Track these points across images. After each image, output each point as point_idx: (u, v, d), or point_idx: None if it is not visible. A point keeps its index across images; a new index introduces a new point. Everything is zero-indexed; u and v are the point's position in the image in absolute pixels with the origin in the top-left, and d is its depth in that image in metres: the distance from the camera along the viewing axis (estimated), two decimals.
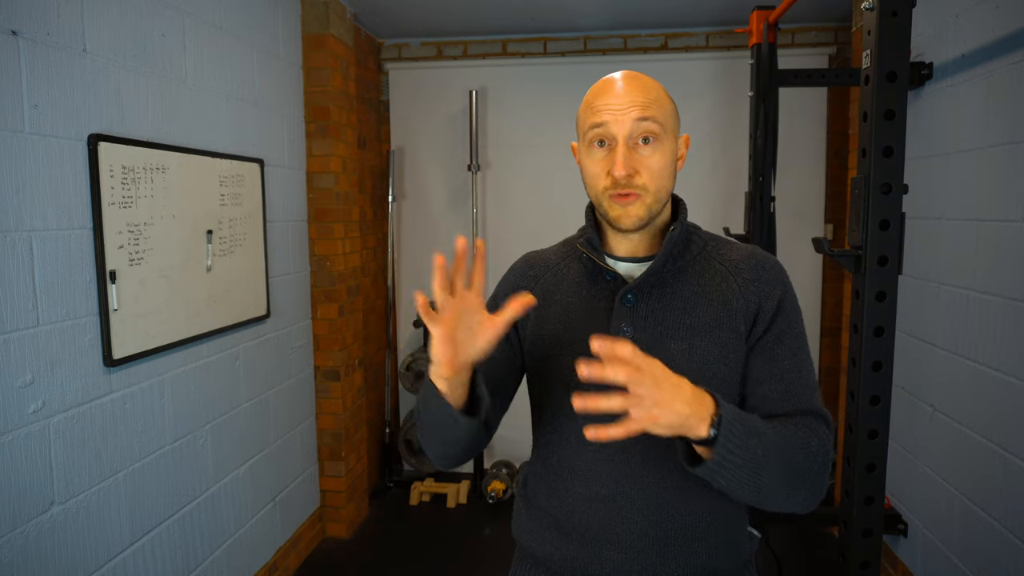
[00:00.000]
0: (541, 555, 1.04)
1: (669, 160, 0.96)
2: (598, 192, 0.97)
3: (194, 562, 2.14)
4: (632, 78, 0.96)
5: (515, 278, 1.11)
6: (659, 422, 0.76)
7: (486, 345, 0.85)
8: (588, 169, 0.98)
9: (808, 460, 0.87)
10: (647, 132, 0.93)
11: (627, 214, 0.95)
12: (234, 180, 2.32)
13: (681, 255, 1.01)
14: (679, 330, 0.96)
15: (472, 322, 0.84)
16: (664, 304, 0.97)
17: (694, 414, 0.78)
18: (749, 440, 0.81)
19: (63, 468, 1.62)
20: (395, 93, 3.73)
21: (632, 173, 0.93)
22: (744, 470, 0.81)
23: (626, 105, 0.93)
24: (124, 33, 1.81)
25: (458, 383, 0.87)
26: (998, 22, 1.94)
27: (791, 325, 0.98)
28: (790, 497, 0.88)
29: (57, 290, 1.60)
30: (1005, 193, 1.92)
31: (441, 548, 3.02)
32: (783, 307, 0.98)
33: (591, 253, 1.02)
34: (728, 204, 3.46)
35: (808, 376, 0.97)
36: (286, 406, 2.74)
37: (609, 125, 0.93)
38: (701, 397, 0.80)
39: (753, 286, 0.98)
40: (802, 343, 0.99)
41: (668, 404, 0.76)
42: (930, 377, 2.35)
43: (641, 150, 0.94)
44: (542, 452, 1.05)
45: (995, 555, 1.96)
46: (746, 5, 2.81)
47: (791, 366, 0.96)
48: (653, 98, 0.94)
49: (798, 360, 0.97)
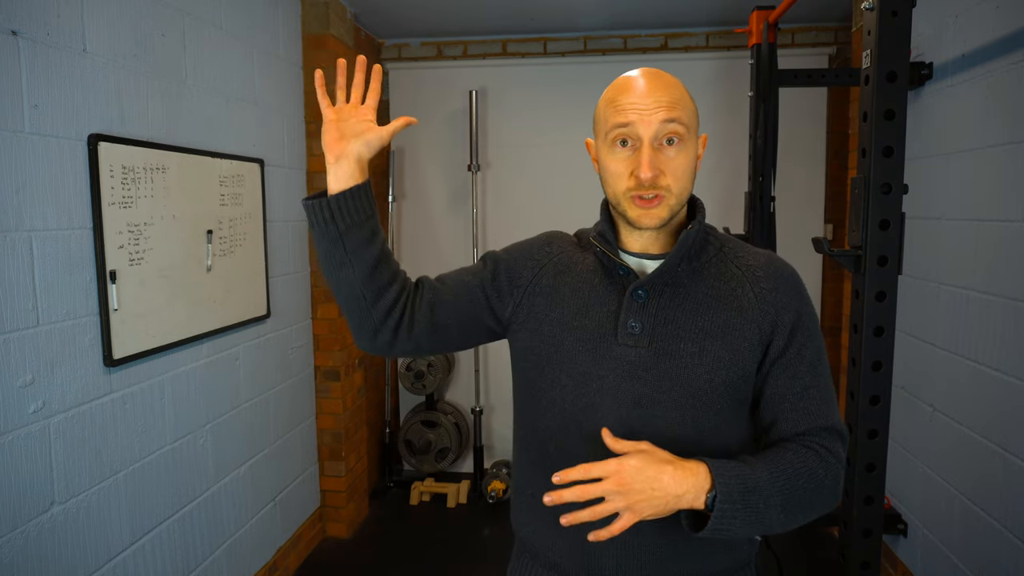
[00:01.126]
0: (539, 547, 1.04)
1: (692, 161, 0.95)
2: (618, 192, 0.95)
3: (194, 562, 2.14)
4: (656, 76, 0.95)
5: (532, 248, 1.10)
6: (646, 514, 0.83)
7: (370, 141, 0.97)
8: (610, 168, 0.96)
9: (816, 490, 0.90)
10: (673, 133, 0.92)
11: (649, 215, 0.94)
12: (234, 180, 2.32)
13: (697, 256, 1.00)
14: (691, 332, 0.95)
15: (361, 126, 0.97)
16: (676, 304, 0.96)
17: (685, 494, 0.83)
18: (749, 497, 0.85)
19: (63, 468, 1.62)
20: (395, 93, 3.73)
21: (657, 174, 0.92)
22: (747, 524, 0.85)
23: (652, 105, 0.91)
24: (124, 33, 1.81)
25: (345, 174, 0.97)
26: (998, 22, 1.94)
27: (811, 338, 0.98)
28: (799, 523, 0.92)
29: (57, 290, 1.60)
30: (1005, 193, 1.92)
31: (441, 548, 3.02)
32: (801, 320, 0.97)
33: (603, 246, 1.01)
34: (728, 204, 3.45)
35: (826, 391, 0.98)
36: (286, 406, 2.74)
37: (635, 125, 0.92)
38: (692, 473, 0.84)
39: (770, 296, 0.97)
40: (821, 355, 0.99)
41: (646, 501, 0.82)
42: (930, 377, 2.34)
43: (666, 151, 0.93)
44: (540, 439, 1.02)
45: (995, 555, 1.96)
46: (746, 5, 2.81)
47: (811, 382, 0.96)
48: (678, 98, 0.93)
49: (817, 375, 0.97)
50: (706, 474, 0.84)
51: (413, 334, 1.03)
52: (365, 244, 0.98)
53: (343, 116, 0.97)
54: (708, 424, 0.95)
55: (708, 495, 0.84)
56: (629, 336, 0.96)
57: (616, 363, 0.96)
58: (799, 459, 0.91)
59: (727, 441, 0.98)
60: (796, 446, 0.94)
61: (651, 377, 0.94)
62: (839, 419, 0.98)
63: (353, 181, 0.96)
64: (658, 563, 0.96)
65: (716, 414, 0.95)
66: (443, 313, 1.04)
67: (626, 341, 0.96)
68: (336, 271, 0.99)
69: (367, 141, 0.97)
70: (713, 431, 0.96)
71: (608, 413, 0.95)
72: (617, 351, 0.96)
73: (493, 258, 1.09)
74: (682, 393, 0.94)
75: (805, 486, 0.89)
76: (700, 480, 0.84)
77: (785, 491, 0.88)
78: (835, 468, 0.93)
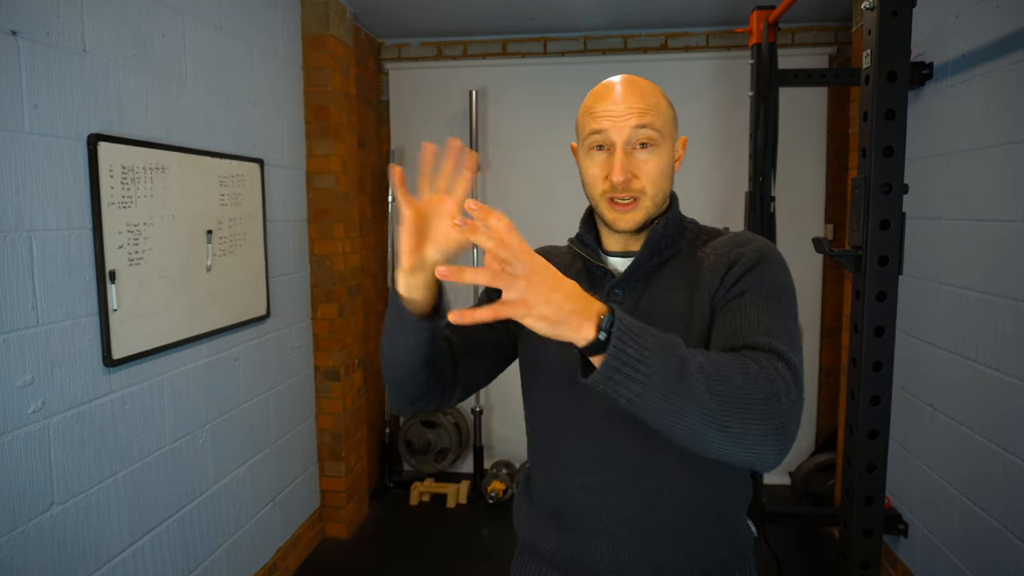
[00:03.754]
0: (538, 544, 1.05)
1: (666, 164, 0.98)
2: (596, 195, 0.99)
3: (194, 562, 2.14)
4: (630, 83, 0.98)
5: None
6: (533, 312, 0.69)
7: (449, 250, 0.87)
8: (587, 172, 1.00)
9: (749, 383, 0.74)
10: (645, 139, 0.95)
11: (624, 219, 0.98)
12: (234, 180, 2.31)
13: (668, 247, 1.01)
14: (660, 319, 0.95)
15: (442, 225, 0.87)
16: (648, 295, 0.99)
17: (576, 311, 0.70)
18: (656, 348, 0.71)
19: (63, 468, 1.62)
20: (395, 93, 3.73)
21: (630, 178, 0.95)
22: (653, 387, 0.70)
23: (624, 112, 0.95)
24: (124, 33, 1.81)
25: (417, 284, 0.89)
26: (998, 22, 1.94)
27: (762, 283, 0.89)
28: (736, 436, 0.73)
29: (57, 290, 1.60)
30: (1005, 193, 1.92)
31: (441, 548, 3.02)
32: (754, 269, 0.91)
33: (581, 249, 1.05)
34: (728, 204, 3.46)
35: (772, 322, 0.85)
36: (286, 406, 2.74)
37: (608, 132, 0.95)
38: (591, 301, 0.73)
39: (724, 258, 0.95)
40: (772, 300, 0.88)
41: (543, 293, 0.69)
42: (930, 377, 2.34)
43: (639, 155, 0.96)
44: (540, 442, 1.07)
45: (995, 555, 1.96)
46: (746, 5, 2.81)
47: (752, 313, 0.86)
48: (652, 104, 0.96)
49: (761, 311, 0.86)
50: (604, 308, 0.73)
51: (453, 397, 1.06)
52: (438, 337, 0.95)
53: (425, 213, 0.87)
54: None
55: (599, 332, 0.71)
56: None
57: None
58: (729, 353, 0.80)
59: None
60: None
61: None
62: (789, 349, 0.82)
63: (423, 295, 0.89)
64: (651, 556, 0.96)
65: None
66: (470, 369, 1.06)
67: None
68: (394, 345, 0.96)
69: (447, 250, 0.87)
70: None
71: (594, 408, 0.97)
72: None
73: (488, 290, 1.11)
74: None
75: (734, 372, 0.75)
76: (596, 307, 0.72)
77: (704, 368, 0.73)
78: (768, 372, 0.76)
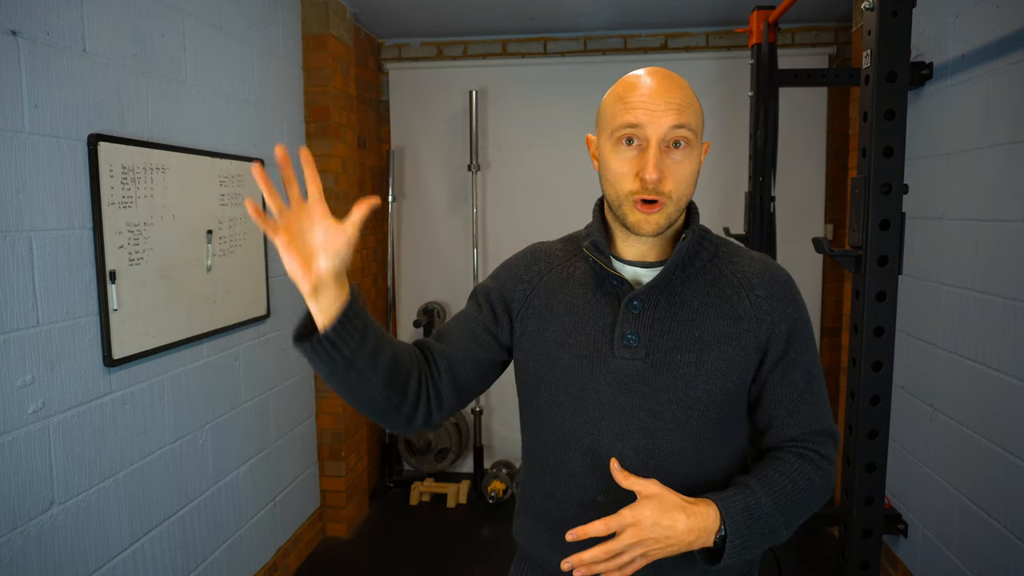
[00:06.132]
0: (538, 557, 1.04)
1: (695, 168, 0.93)
2: (621, 193, 0.92)
3: (194, 562, 2.14)
4: (668, 77, 0.92)
5: (519, 269, 1.08)
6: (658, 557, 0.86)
7: (339, 250, 0.83)
8: (613, 167, 0.92)
9: (812, 496, 0.95)
10: (681, 137, 0.90)
11: (648, 221, 0.91)
12: (234, 180, 2.31)
13: (691, 262, 0.98)
14: (687, 342, 0.94)
15: (321, 230, 0.83)
16: (672, 313, 0.95)
17: (697, 540, 0.85)
18: (755, 526, 0.88)
19: (63, 468, 1.62)
20: (395, 93, 3.73)
21: (661, 178, 0.89)
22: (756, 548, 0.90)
23: (662, 107, 0.89)
24: (124, 33, 1.81)
25: (329, 302, 0.86)
26: (998, 22, 1.94)
27: (806, 346, 0.99)
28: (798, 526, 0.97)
29: (57, 290, 1.60)
30: (1005, 193, 1.92)
31: (441, 548, 3.02)
32: (797, 327, 0.98)
33: (597, 257, 0.98)
34: (728, 204, 3.45)
35: (819, 394, 1.00)
36: (286, 406, 2.74)
37: (644, 126, 0.89)
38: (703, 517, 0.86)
39: (766, 304, 0.96)
40: (815, 360, 1.00)
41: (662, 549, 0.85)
42: (930, 377, 2.34)
43: (672, 155, 0.90)
44: (540, 453, 1.03)
45: (995, 555, 1.96)
46: (746, 5, 2.81)
47: (805, 388, 0.98)
48: (688, 102, 0.91)
49: (811, 379, 0.99)
50: (715, 516, 0.87)
51: (444, 407, 1.03)
52: (375, 353, 0.91)
53: (294, 230, 0.83)
54: (707, 433, 0.95)
55: (717, 535, 0.87)
56: (626, 348, 0.95)
57: (613, 377, 0.95)
58: (795, 470, 0.94)
59: (725, 449, 0.98)
60: (791, 456, 0.96)
61: (649, 390, 0.94)
62: (831, 421, 1.01)
63: (339, 303, 0.86)
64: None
65: (714, 423, 0.95)
66: (463, 374, 1.04)
67: (623, 354, 0.95)
68: (356, 390, 0.93)
69: (336, 251, 0.83)
70: (711, 440, 0.96)
71: (607, 428, 0.95)
72: (614, 364, 0.95)
73: (484, 293, 1.08)
74: (680, 405, 0.94)
75: (803, 497, 0.94)
76: (709, 523, 0.86)
77: (786, 508, 0.92)
78: (828, 470, 0.97)
